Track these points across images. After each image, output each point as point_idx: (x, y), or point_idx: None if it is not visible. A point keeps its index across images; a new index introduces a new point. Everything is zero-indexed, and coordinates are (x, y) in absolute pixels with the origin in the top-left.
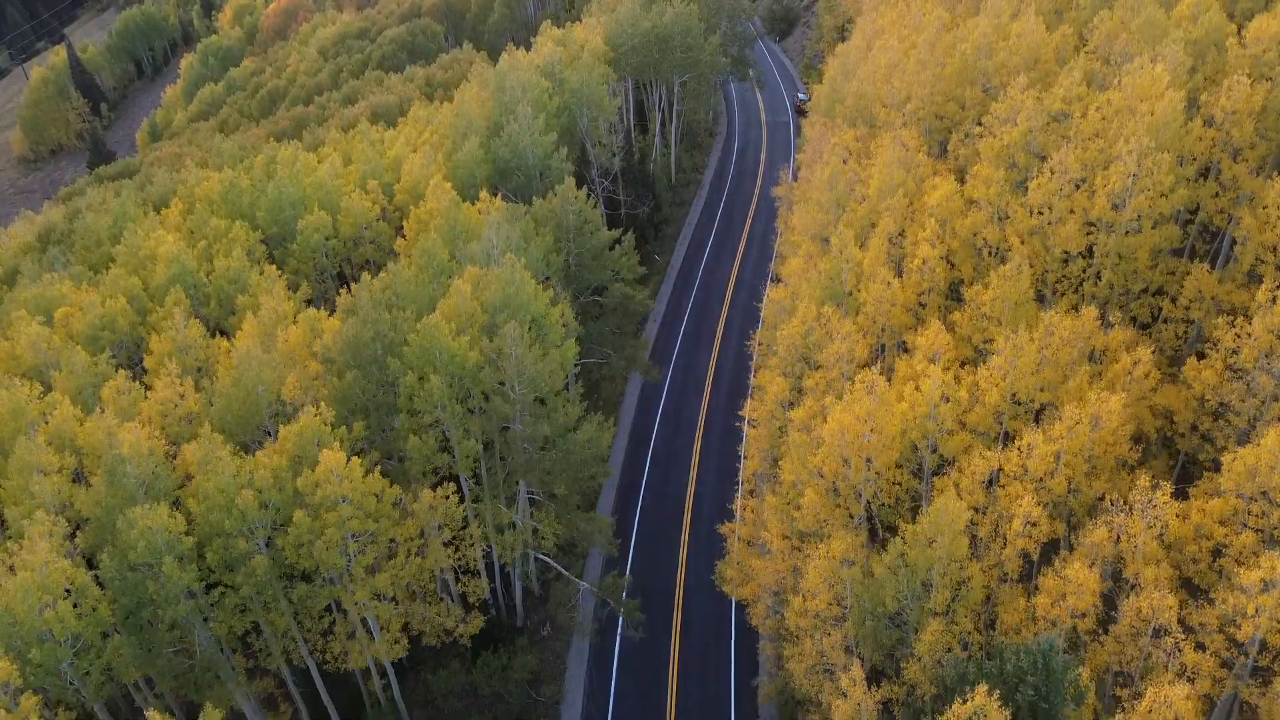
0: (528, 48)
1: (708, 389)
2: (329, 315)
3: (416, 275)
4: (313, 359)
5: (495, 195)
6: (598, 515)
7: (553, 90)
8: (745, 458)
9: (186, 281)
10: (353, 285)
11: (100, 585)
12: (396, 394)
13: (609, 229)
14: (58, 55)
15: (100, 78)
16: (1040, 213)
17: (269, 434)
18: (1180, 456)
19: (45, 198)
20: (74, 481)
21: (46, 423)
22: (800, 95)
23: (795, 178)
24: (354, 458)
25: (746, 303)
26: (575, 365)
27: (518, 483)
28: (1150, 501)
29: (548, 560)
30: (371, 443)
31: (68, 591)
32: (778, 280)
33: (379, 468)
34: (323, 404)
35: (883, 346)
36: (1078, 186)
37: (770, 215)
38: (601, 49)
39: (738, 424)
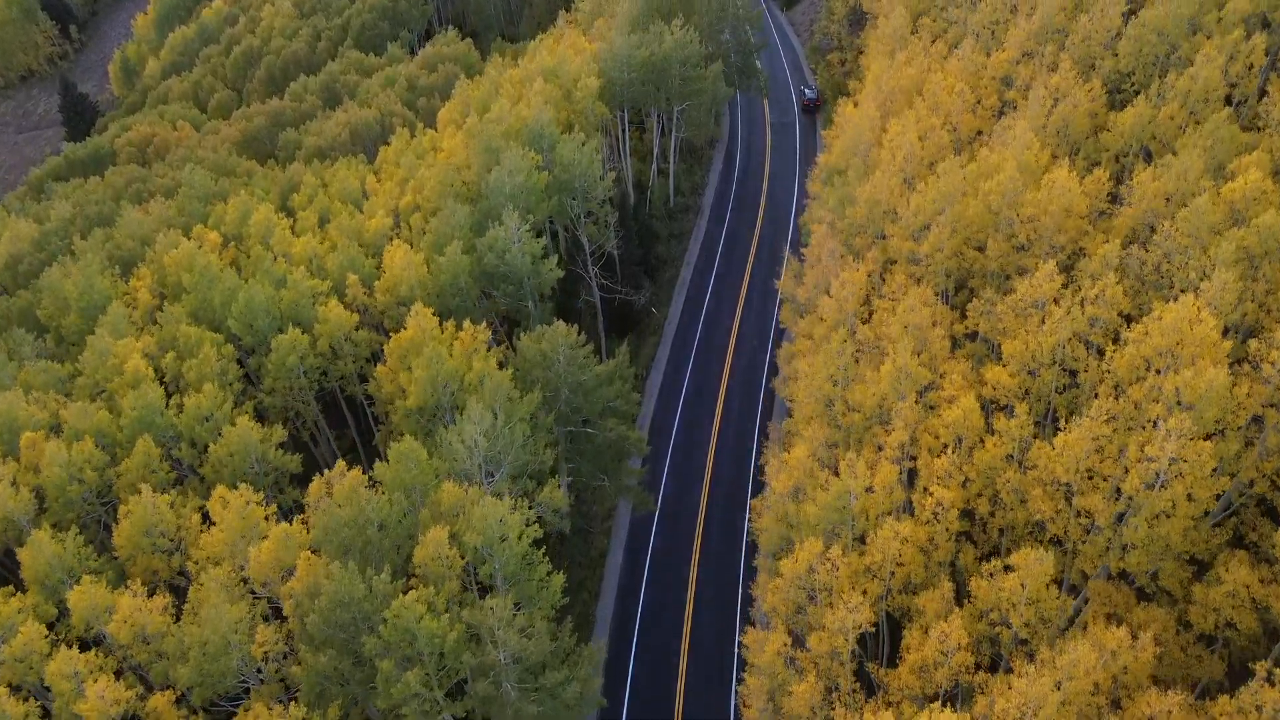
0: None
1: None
2: (302, 519)
3: (390, 499)
4: (285, 593)
5: (484, 295)
6: None
7: (542, 163)
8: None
9: (155, 424)
10: (321, 478)
11: None
12: (375, 670)
13: (603, 314)
14: None
15: None
16: (1065, 479)
17: (245, 690)
18: None
19: (18, 132)
20: None
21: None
22: (807, 92)
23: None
24: None
25: (747, 373)
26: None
27: None
28: None
29: None
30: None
31: None
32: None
33: None
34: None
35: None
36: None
37: (774, 246)
38: (595, 87)
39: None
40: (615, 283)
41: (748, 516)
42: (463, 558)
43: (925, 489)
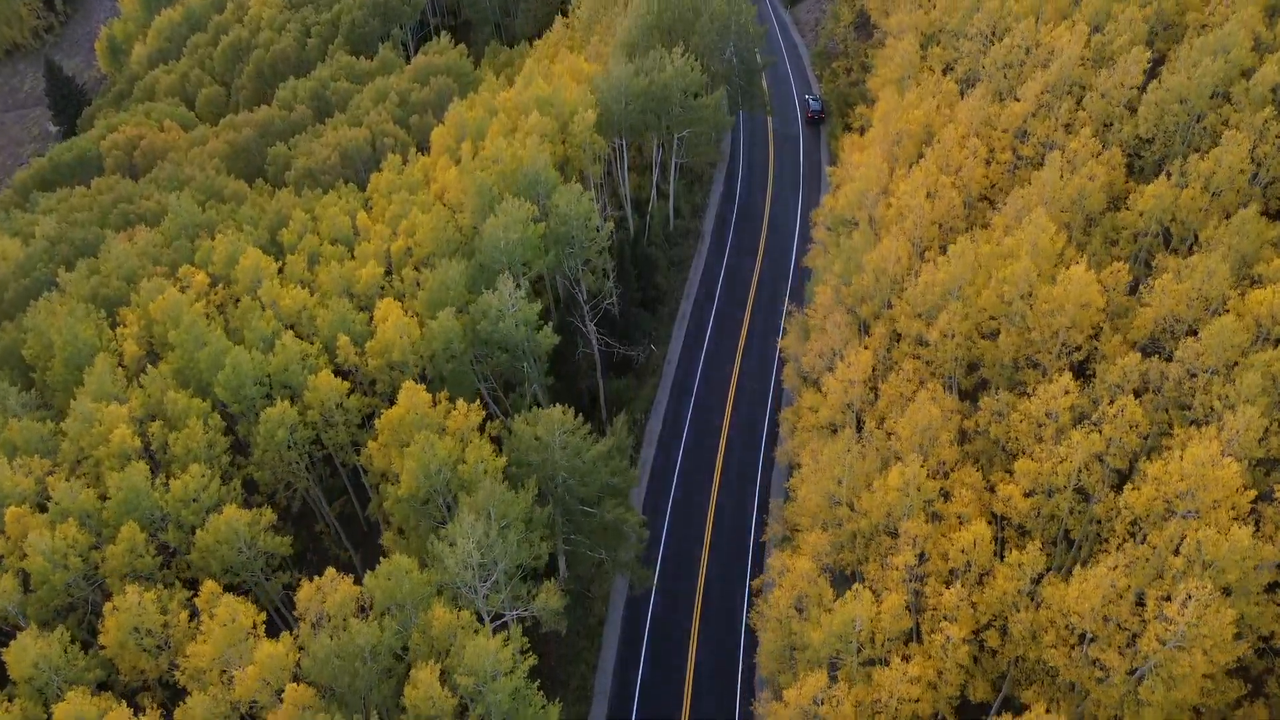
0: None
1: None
2: (292, 635)
3: (381, 624)
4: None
5: (475, 363)
6: None
7: (538, 212)
8: None
9: (141, 508)
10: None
11: None
12: None
13: (600, 369)
14: None
15: None
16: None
17: None
18: None
19: (5, 110)
20: None
21: None
22: (812, 103)
23: (800, 296)
24: None
25: (748, 426)
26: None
27: None
28: None
29: None
30: None
31: None
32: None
33: None
34: None
35: None
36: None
37: (776, 279)
38: (592, 120)
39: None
40: (614, 337)
41: (748, 590)
42: (455, 693)
43: (933, 621)
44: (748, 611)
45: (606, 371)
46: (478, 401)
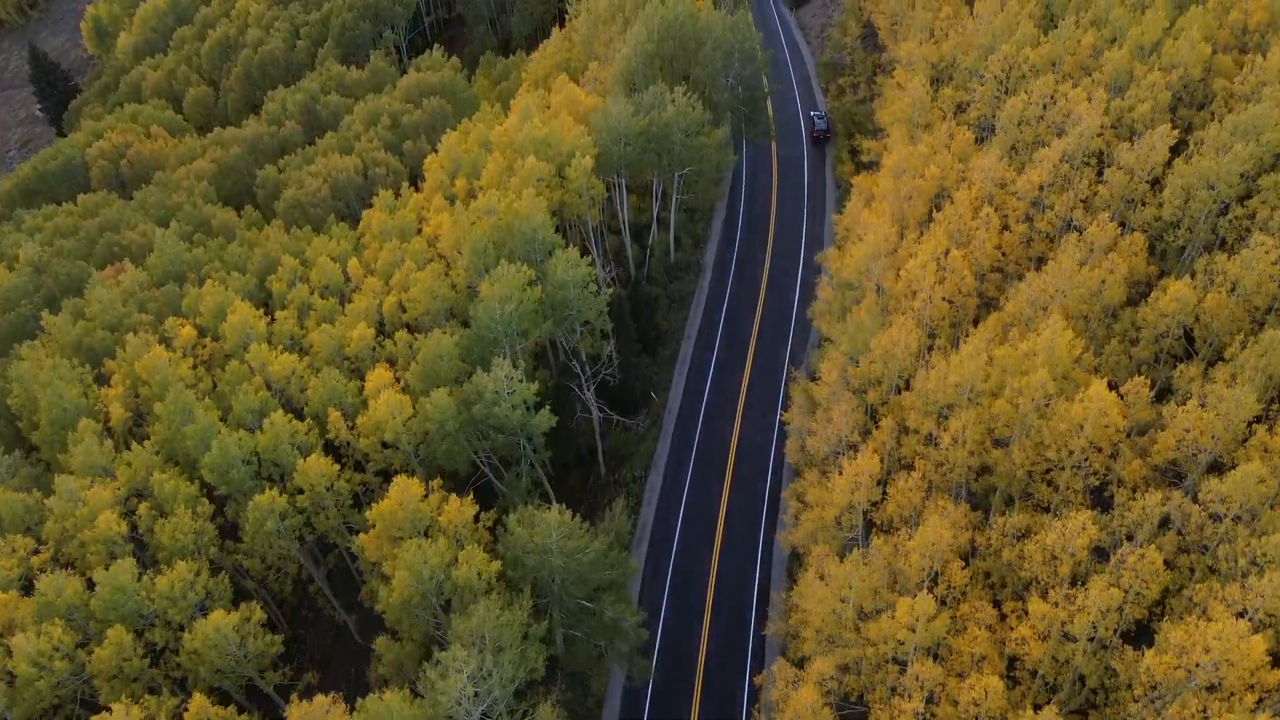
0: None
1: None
2: None
3: None
4: None
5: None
6: None
7: (534, 276)
8: None
9: (128, 608)
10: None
11: None
12: None
13: (599, 431)
14: None
15: None
16: None
17: None
18: None
19: None
20: None
21: None
22: (818, 121)
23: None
24: None
25: (749, 489)
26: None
27: None
28: None
29: None
30: None
31: None
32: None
33: None
34: None
35: None
36: None
37: (780, 318)
38: (590, 165)
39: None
40: (612, 404)
41: (748, 684)
42: None
43: None
44: (748, 705)
45: (606, 431)
46: (470, 495)
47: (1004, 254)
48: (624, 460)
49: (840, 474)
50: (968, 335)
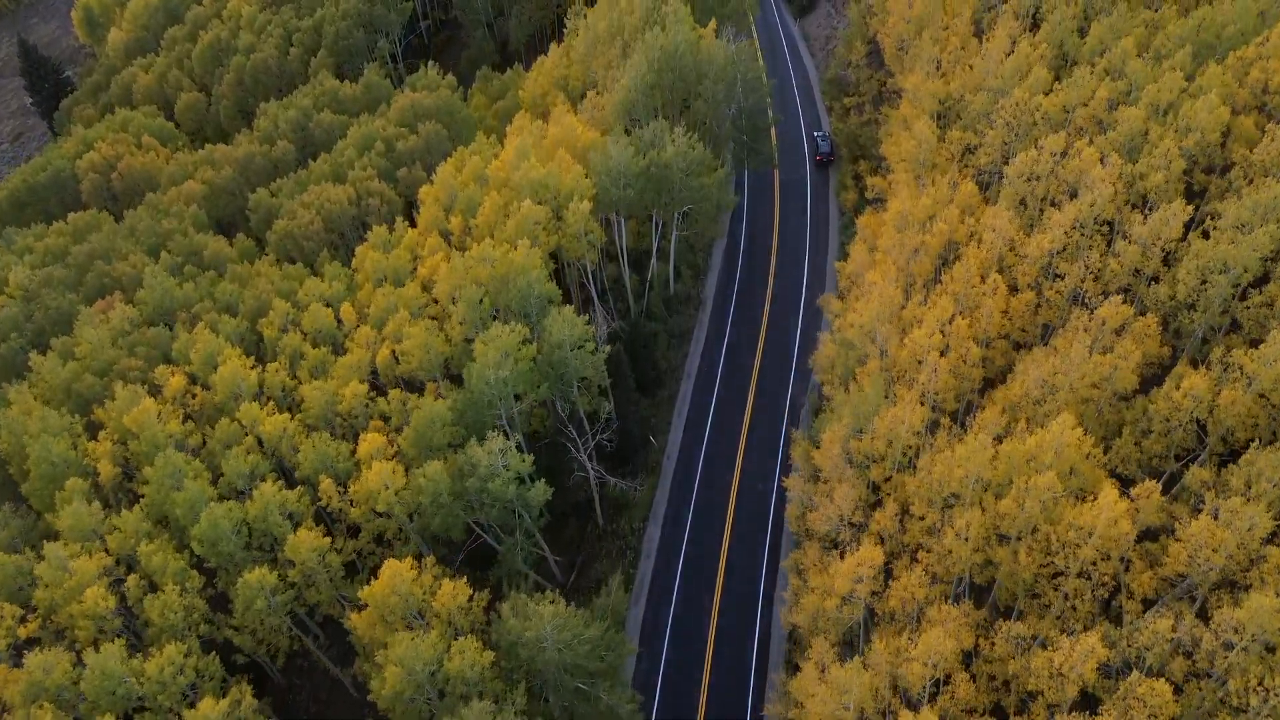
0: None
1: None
2: None
3: None
4: None
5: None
6: None
7: (530, 334)
8: None
9: (117, 693)
10: None
11: None
12: None
13: (597, 497)
14: None
15: None
16: None
17: None
18: None
19: None
20: None
21: None
22: (821, 143)
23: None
24: None
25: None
26: None
27: None
28: None
29: None
30: None
31: None
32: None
33: None
34: None
35: None
36: None
37: (781, 360)
38: (588, 210)
39: None
40: (610, 467)
41: None
42: None
43: None
44: None
45: (603, 488)
46: (465, 577)
47: (1010, 319)
48: (622, 510)
49: (841, 559)
50: (970, 411)
